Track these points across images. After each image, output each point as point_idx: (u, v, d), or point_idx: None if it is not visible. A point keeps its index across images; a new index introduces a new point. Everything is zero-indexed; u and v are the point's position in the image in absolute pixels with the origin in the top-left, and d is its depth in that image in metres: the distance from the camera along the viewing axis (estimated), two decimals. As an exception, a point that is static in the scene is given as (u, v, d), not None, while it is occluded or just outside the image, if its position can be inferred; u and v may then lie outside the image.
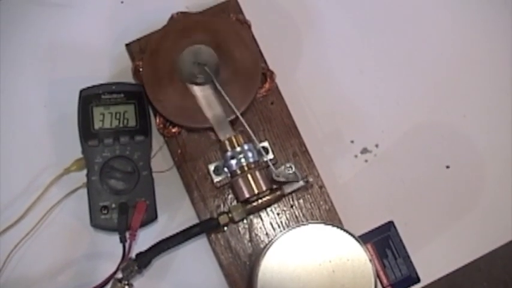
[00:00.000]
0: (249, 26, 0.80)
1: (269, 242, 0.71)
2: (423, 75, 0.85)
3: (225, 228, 0.77)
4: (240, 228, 0.77)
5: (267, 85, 0.79)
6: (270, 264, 0.69)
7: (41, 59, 0.81)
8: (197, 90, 0.76)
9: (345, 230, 0.70)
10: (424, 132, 0.83)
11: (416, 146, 0.83)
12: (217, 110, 0.75)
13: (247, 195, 0.74)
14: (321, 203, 0.78)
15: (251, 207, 0.76)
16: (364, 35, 0.85)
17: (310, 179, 0.78)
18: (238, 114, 0.75)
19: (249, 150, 0.76)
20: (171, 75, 0.76)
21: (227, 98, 0.74)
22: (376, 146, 0.83)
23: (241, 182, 0.75)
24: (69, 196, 0.78)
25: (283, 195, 0.77)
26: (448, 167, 0.82)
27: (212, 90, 0.76)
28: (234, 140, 0.76)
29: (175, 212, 0.79)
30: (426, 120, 0.83)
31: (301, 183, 0.76)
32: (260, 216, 0.78)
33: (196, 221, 0.77)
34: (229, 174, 0.77)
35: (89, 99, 0.76)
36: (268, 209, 0.78)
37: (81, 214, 0.77)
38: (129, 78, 0.80)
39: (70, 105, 0.77)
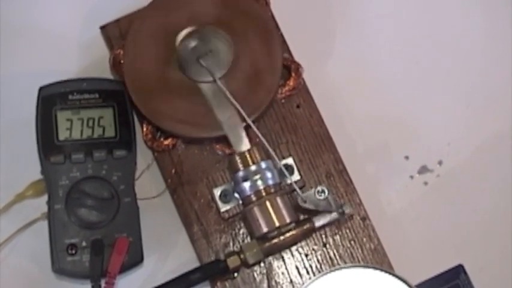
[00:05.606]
0: (267, 2, 0.77)
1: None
2: (504, 66, 0.81)
3: (236, 273, 0.73)
4: (255, 274, 0.74)
5: (291, 82, 0.76)
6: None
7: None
8: (205, 86, 0.74)
9: (396, 277, 0.68)
10: (504, 144, 0.80)
11: (494, 163, 0.79)
12: (231, 112, 0.72)
13: (265, 230, 0.71)
14: (364, 240, 0.75)
15: (270, 246, 0.72)
16: (422, 12, 0.82)
17: (350, 208, 0.74)
18: (248, 121, 0.72)
19: (268, 169, 0.72)
20: (166, 64, 0.74)
21: (232, 99, 0.71)
22: (439, 163, 0.79)
23: (257, 212, 0.71)
24: (23, 231, 0.75)
25: (313, 230, 0.73)
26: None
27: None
28: (247, 156, 0.72)
29: (167, 252, 0.76)
30: (508, 129, 0.80)
31: (337, 213, 0.73)
32: (282, 257, 0.74)
33: (196, 264, 0.74)
34: (241, 202, 0.74)
35: (52, 100, 0.74)
36: (294, 248, 0.74)
37: (39, 255, 0.74)
38: (106, 73, 0.77)
39: (25, 107, 0.74)
